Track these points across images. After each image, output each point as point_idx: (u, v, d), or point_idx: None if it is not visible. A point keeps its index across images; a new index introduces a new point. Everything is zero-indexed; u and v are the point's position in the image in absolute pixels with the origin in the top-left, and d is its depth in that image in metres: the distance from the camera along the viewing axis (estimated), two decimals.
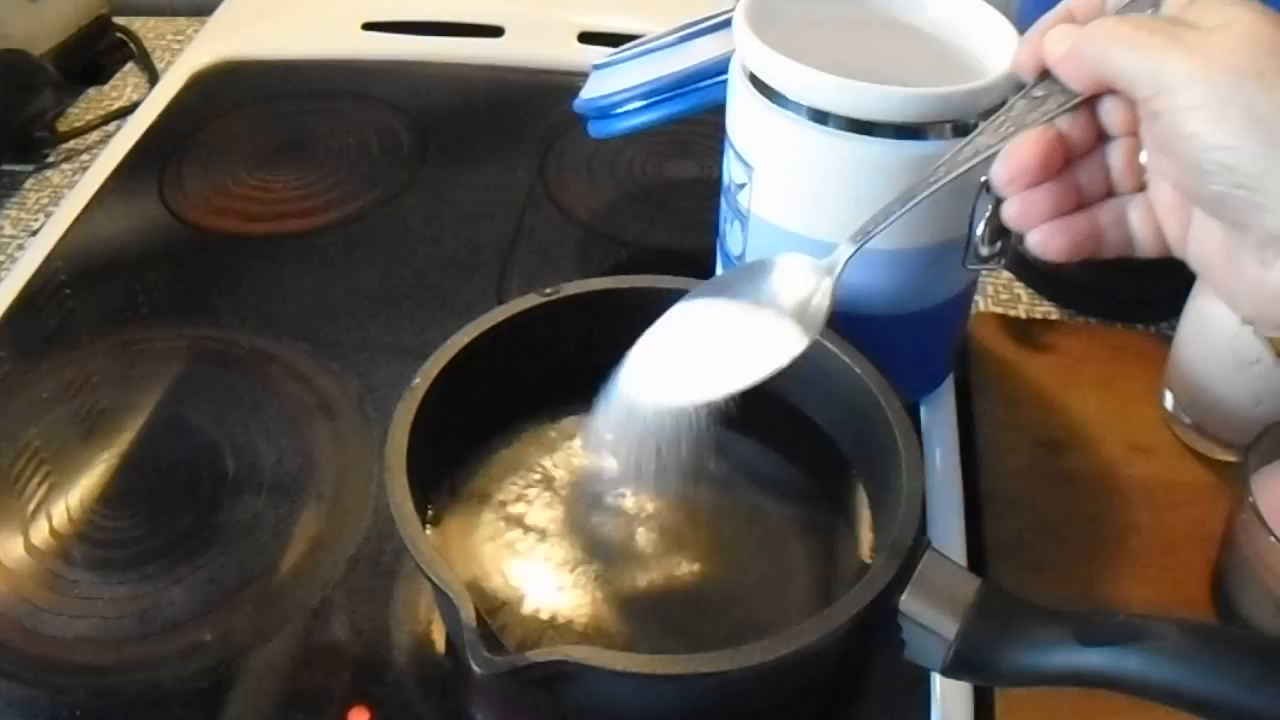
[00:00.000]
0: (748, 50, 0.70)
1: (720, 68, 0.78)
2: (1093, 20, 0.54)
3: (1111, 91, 0.54)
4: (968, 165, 0.58)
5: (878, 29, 0.76)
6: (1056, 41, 0.55)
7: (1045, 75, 0.56)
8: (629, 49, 0.90)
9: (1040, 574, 0.74)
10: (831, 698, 0.67)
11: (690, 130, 1.04)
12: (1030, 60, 0.57)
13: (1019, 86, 0.58)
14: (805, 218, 0.71)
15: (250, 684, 0.67)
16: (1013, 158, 0.56)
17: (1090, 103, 0.55)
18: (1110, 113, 0.55)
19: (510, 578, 0.64)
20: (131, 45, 1.30)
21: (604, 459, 0.69)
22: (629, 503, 0.67)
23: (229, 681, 0.67)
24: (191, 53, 1.22)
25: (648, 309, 0.72)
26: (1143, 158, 0.55)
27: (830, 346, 0.69)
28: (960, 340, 0.85)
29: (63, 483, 0.77)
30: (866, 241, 0.61)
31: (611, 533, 0.66)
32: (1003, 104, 0.59)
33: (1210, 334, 0.78)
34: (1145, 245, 0.56)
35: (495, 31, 1.23)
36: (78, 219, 0.99)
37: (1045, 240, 0.57)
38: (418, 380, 0.66)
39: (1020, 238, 0.59)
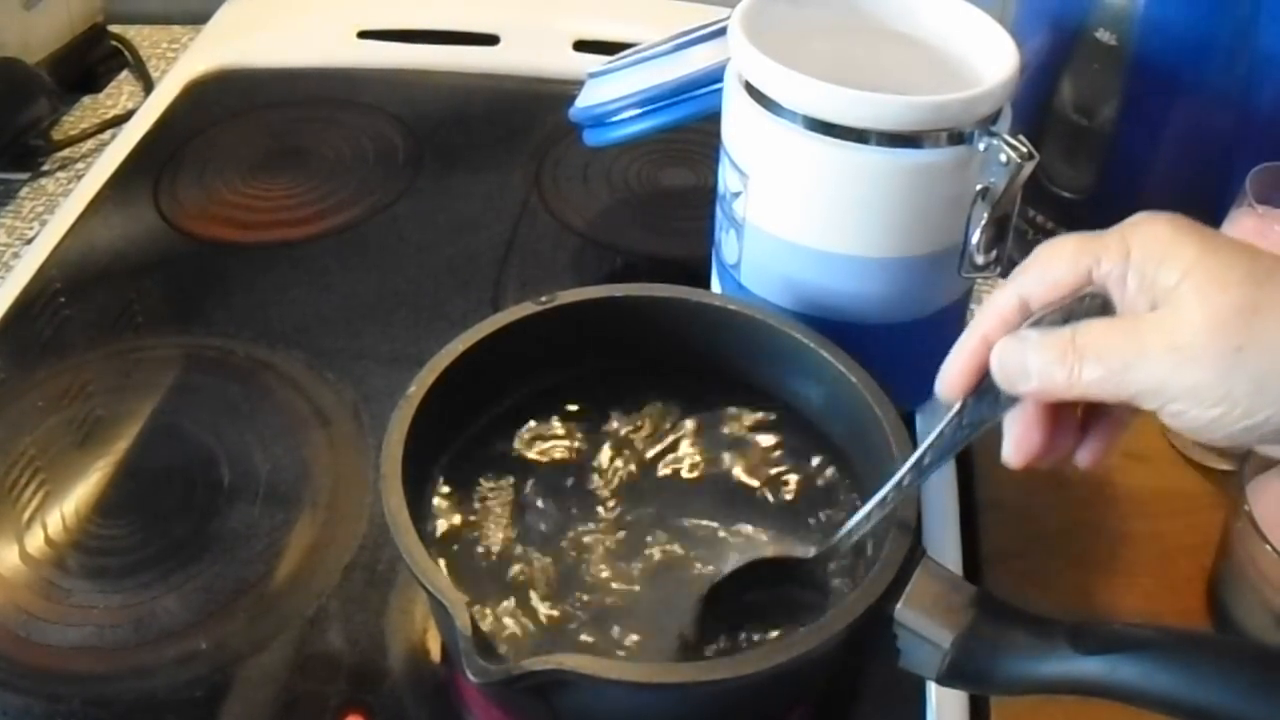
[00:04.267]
0: (743, 58, 0.70)
1: (716, 76, 0.78)
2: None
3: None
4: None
5: (873, 38, 0.76)
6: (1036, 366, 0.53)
7: (971, 394, 0.57)
8: (624, 57, 0.91)
9: (1035, 582, 0.74)
10: (827, 706, 0.67)
11: (686, 139, 1.04)
12: (960, 386, 0.57)
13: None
14: (801, 226, 0.71)
15: (245, 692, 0.66)
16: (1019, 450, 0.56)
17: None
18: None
19: (505, 586, 0.64)
20: (127, 53, 1.30)
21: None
22: (625, 510, 0.67)
23: (224, 690, 0.66)
24: (187, 61, 1.22)
25: (643, 317, 0.72)
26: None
27: (826, 354, 0.69)
28: None
29: (58, 491, 0.77)
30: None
31: (607, 540, 0.66)
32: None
33: None
34: None
35: (491, 40, 1.23)
36: (73, 227, 0.99)
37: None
38: (413, 388, 0.66)
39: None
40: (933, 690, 0.66)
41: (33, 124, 1.13)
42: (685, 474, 0.70)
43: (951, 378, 0.57)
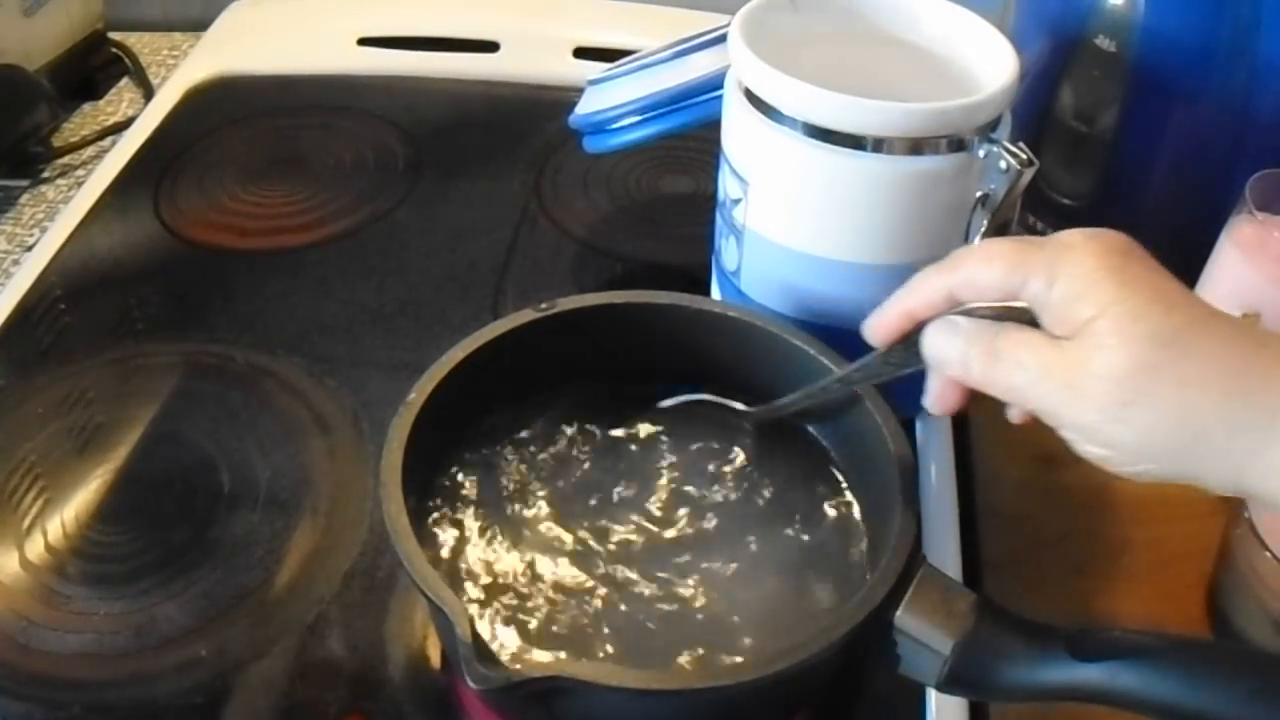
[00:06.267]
0: (743, 65, 0.70)
1: (716, 83, 0.78)
2: (932, 317, 0.58)
3: None
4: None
5: (874, 45, 0.76)
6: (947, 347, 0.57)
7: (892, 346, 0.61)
8: (624, 64, 0.91)
9: (1035, 589, 0.74)
10: (827, 712, 0.67)
11: (686, 145, 1.04)
12: (882, 341, 0.61)
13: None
14: (801, 233, 0.71)
15: (245, 699, 0.66)
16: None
17: None
18: None
19: (505, 592, 0.64)
20: (127, 60, 1.30)
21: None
22: (626, 518, 0.67)
23: (224, 696, 0.66)
24: (187, 68, 1.22)
25: (643, 324, 0.72)
26: None
27: (825, 361, 0.69)
28: None
29: (58, 498, 0.77)
30: None
31: (607, 547, 0.66)
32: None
33: None
34: None
35: (490, 47, 1.23)
36: (73, 234, 0.99)
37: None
38: (413, 395, 0.66)
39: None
40: (932, 697, 0.66)
41: (33, 131, 1.13)
42: (685, 478, 0.70)
43: (874, 329, 0.61)
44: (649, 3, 1.27)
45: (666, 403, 0.73)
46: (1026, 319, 0.54)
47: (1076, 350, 0.50)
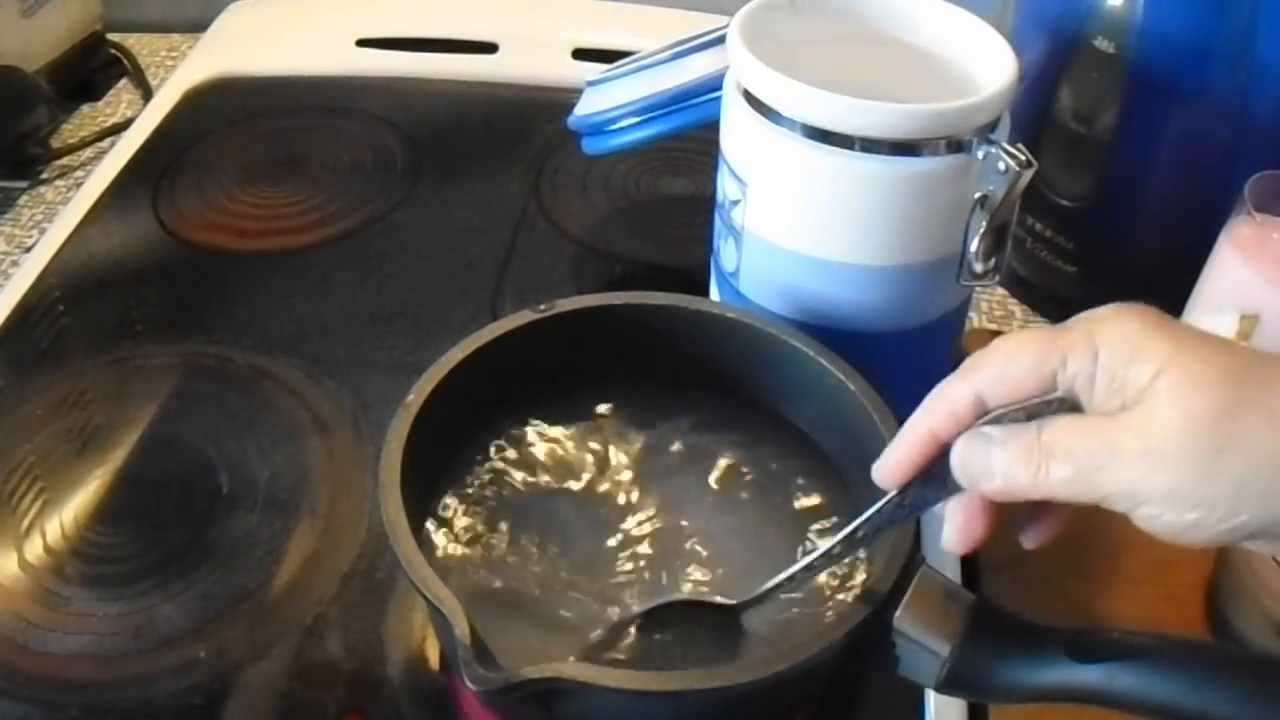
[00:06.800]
0: (742, 67, 0.70)
1: (714, 84, 0.78)
2: (957, 434, 0.53)
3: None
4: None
5: (872, 46, 0.76)
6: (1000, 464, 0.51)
7: (909, 484, 0.55)
8: (623, 66, 0.91)
9: (1034, 591, 0.74)
10: (826, 713, 0.67)
11: (684, 147, 1.04)
12: (900, 476, 0.55)
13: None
14: (800, 234, 0.71)
15: (244, 700, 0.66)
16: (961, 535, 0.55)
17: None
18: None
19: (505, 593, 0.64)
20: (126, 62, 1.30)
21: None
22: (626, 519, 0.67)
23: (223, 698, 0.67)
24: (186, 69, 1.22)
25: (641, 325, 0.72)
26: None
27: (824, 362, 0.69)
28: (954, 357, 0.85)
29: (57, 499, 0.77)
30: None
31: (607, 548, 0.66)
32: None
33: None
34: None
35: (489, 48, 1.23)
36: (72, 235, 0.99)
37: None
38: (412, 396, 0.66)
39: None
40: (931, 698, 0.66)
41: (32, 132, 1.13)
42: (685, 482, 0.70)
43: (891, 467, 0.55)
44: (648, 4, 1.27)
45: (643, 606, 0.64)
46: (1061, 410, 0.50)
47: (1143, 415, 0.47)
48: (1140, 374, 0.48)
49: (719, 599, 0.62)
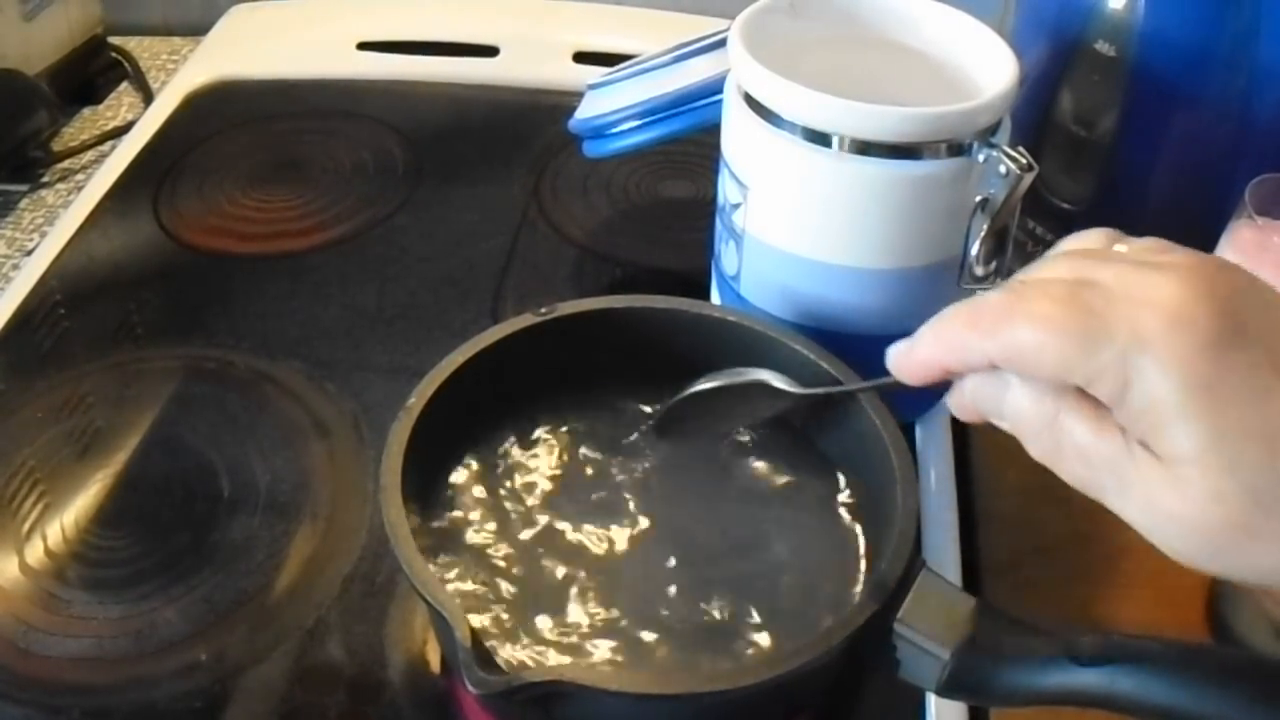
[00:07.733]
0: (743, 70, 0.70)
1: (715, 88, 0.78)
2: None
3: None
4: None
5: (873, 49, 0.76)
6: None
7: None
8: (624, 69, 0.91)
9: (1035, 594, 0.74)
10: (827, 716, 0.67)
11: (685, 150, 1.04)
12: (918, 381, 0.55)
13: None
14: (801, 238, 0.71)
15: (245, 704, 0.66)
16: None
17: None
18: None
19: (506, 597, 0.64)
20: (126, 65, 1.30)
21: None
22: (626, 522, 0.67)
23: (224, 701, 0.66)
24: (186, 72, 1.22)
25: (642, 329, 0.72)
26: None
27: (825, 366, 0.69)
28: None
29: (57, 502, 0.77)
30: None
31: (608, 551, 0.66)
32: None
33: None
34: None
35: (490, 51, 1.23)
36: (72, 239, 0.99)
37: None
38: (413, 400, 0.66)
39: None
40: (932, 701, 0.66)
41: (32, 135, 1.13)
42: (684, 483, 0.70)
43: (909, 375, 0.55)
44: (648, 7, 1.27)
45: (704, 385, 0.67)
46: None
47: (1163, 481, 0.46)
48: (1167, 446, 0.45)
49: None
